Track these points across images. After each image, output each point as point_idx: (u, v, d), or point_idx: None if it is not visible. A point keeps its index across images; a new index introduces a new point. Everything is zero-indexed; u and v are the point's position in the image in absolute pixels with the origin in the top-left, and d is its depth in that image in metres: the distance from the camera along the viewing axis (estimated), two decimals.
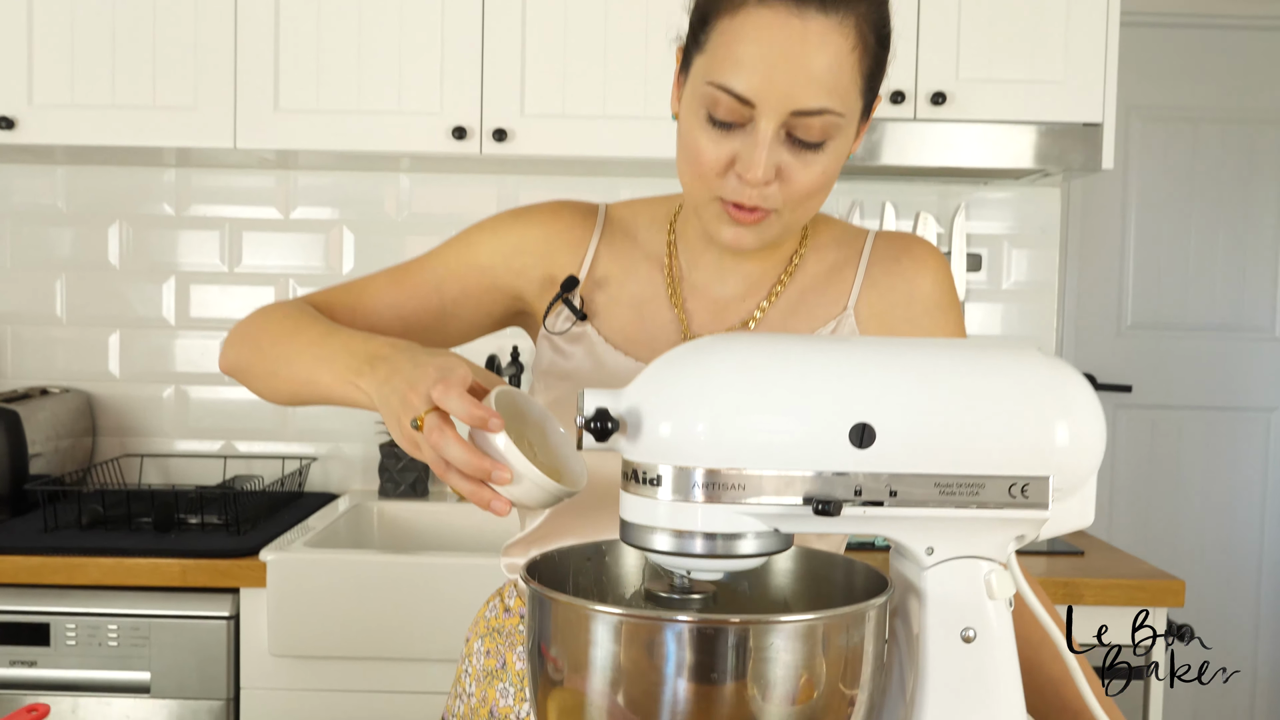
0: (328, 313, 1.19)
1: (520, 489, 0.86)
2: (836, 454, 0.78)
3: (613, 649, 0.76)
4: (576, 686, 0.78)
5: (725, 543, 0.79)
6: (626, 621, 0.76)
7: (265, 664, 1.93)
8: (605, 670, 0.76)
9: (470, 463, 0.85)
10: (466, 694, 1.22)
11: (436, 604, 1.90)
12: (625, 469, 0.81)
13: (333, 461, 2.55)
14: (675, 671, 0.74)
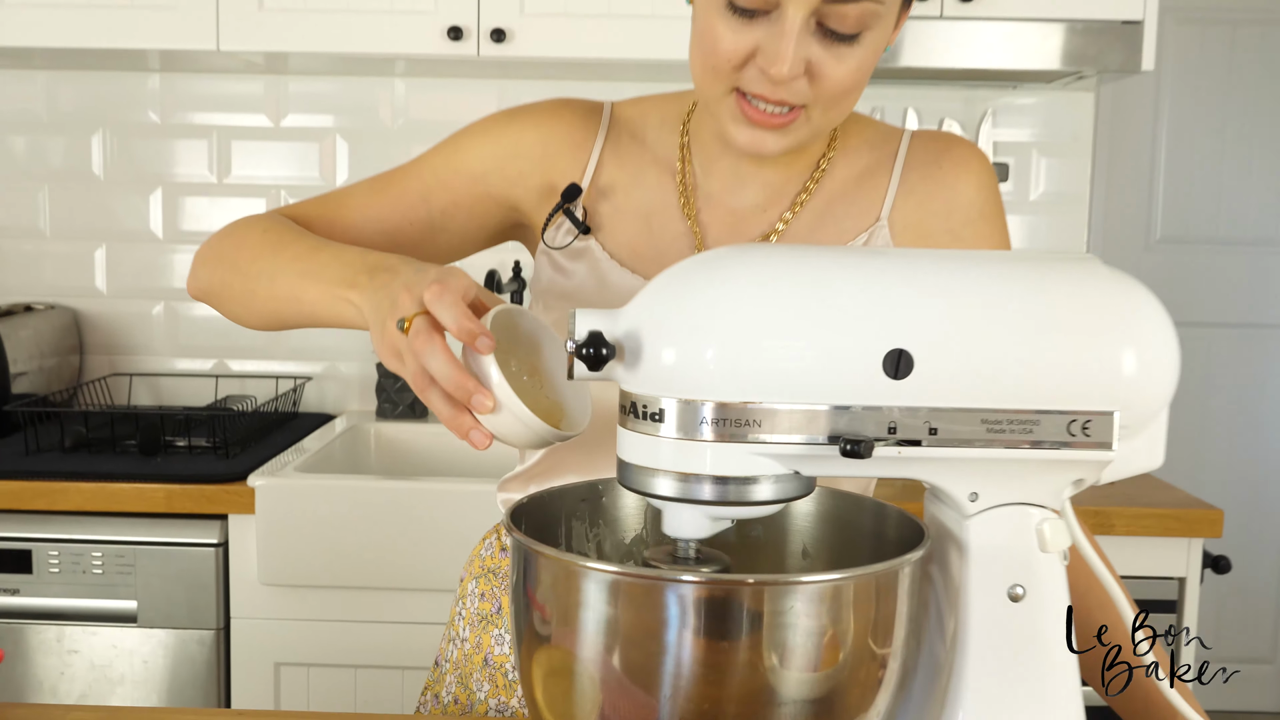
0: (302, 227, 1.07)
1: (502, 422, 0.75)
2: (868, 385, 0.67)
3: (606, 612, 0.66)
4: (565, 648, 0.68)
5: (738, 488, 0.68)
6: (623, 582, 0.65)
7: (256, 593, 1.85)
8: (597, 635, 0.66)
9: (453, 379, 0.75)
10: (460, 638, 1.13)
11: (434, 532, 1.82)
12: (623, 402, 0.71)
13: (329, 381, 2.45)
14: (678, 639, 0.64)
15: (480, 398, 0.74)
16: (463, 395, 0.75)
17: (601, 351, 0.68)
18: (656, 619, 0.64)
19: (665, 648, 0.64)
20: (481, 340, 0.74)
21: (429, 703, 1.17)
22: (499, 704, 1.06)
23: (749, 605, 0.64)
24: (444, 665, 1.16)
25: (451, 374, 0.75)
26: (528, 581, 0.70)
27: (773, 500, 0.69)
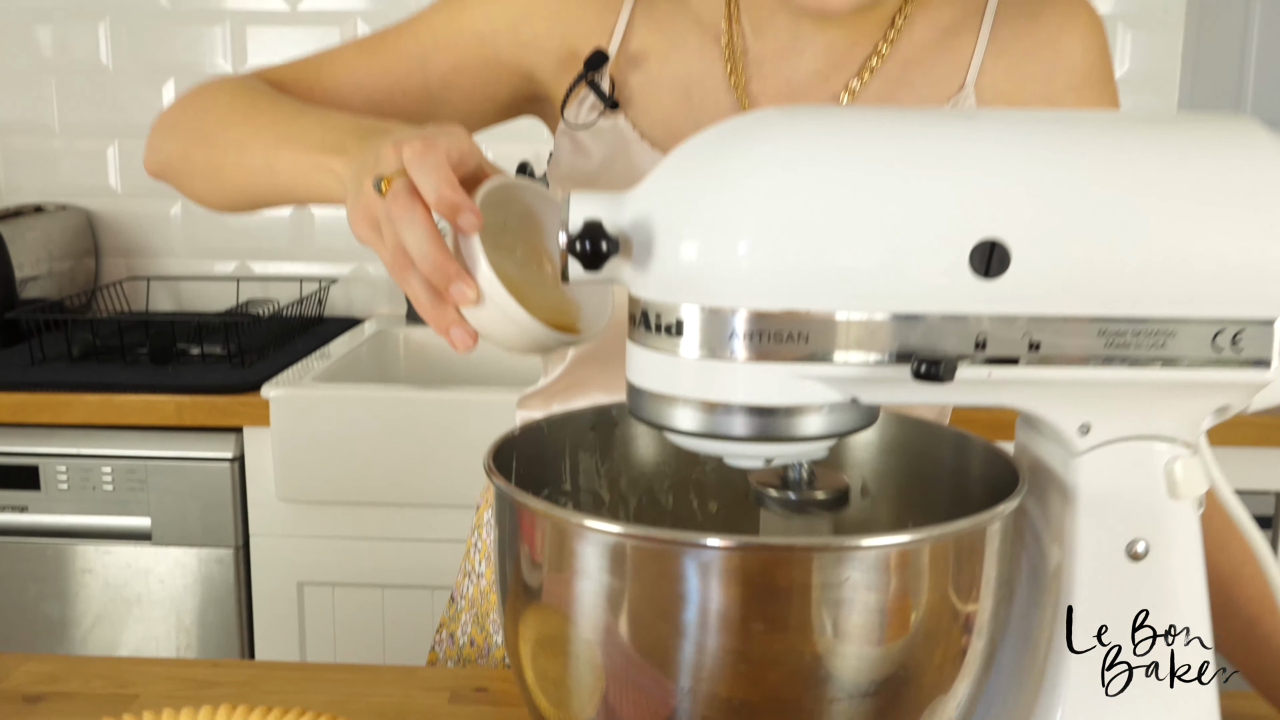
0: None
1: (489, 318, 0.60)
2: (950, 287, 0.51)
3: (609, 583, 0.51)
4: (559, 623, 0.54)
5: (778, 420, 0.53)
6: (630, 545, 0.51)
7: (275, 510, 1.74)
8: (598, 611, 0.52)
9: (430, 258, 0.59)
10: (476, 574, 0.99)
11: (465, 446, 1.69)
12: (632, 311, 0.55)
13: (356, 283, 2.32)
14: (699, 619, 0.49)
15: (461, 286, 0.59)
16: (440, 280, 0.60)
17: (600, 246, 0.52)
18: (672, 594, 0.49)
19: (683, 629, 0.50)
20: (465, 216, 0.59)
21: (444, 642, 1.05)
22: None
23: (791, 577, 0.49)
24: (459, 602, 1.03)
25: (430, 252, 0.59)
26: (512, 539, 0.56)
27: (823, 435, 0.54)
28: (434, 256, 0.59)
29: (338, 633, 1.77)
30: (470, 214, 0.59)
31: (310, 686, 0.83)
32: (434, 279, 0.59)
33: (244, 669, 0.86)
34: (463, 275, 0.59)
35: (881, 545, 0.49)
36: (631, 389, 0.56)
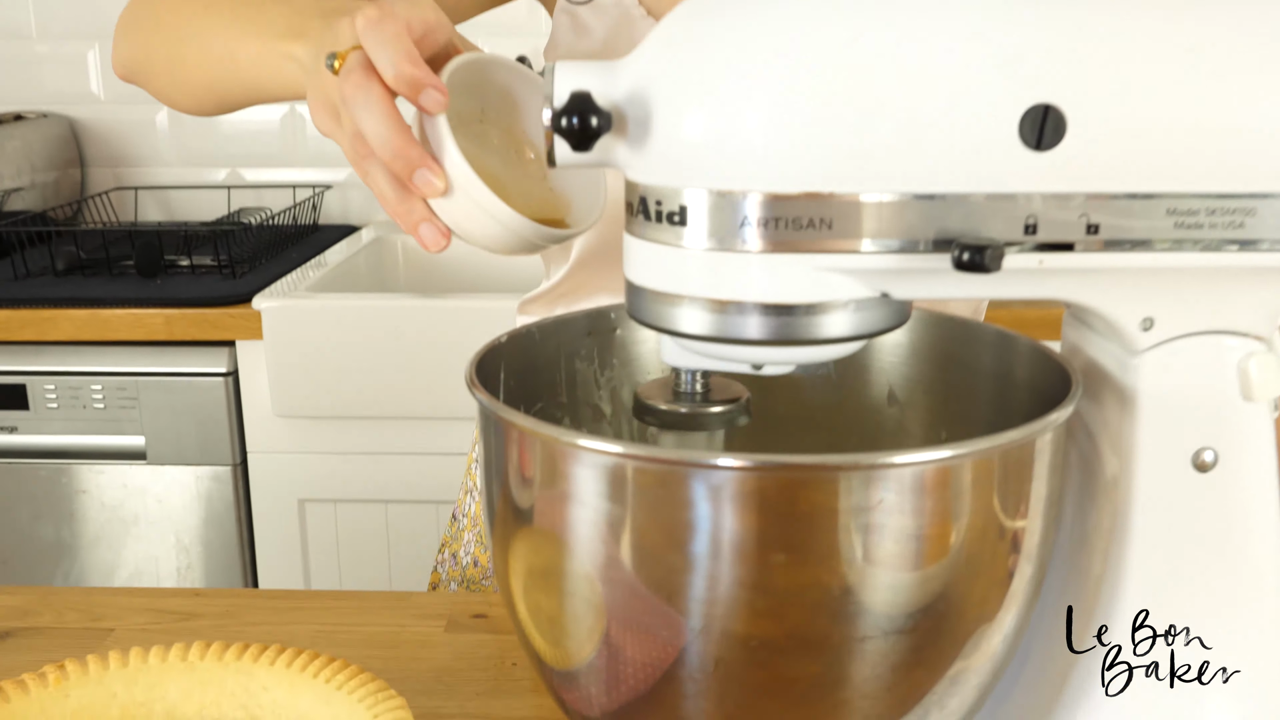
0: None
1: (462, 212, 0.53)
2: (996, 161, 0.44)
3: (608, 510, 0.45)
4: (552, 555, 0.48)
5: (798, 320, 0.46)
6: (630, 467, 0.44)
7: (272, 426, 1.69)
8: (596, 542, 0.45)
9: (390, 143, 0.52)
10: (477, 490, 0.94)
11: (463, 355, 1.62)
12: (629, 198, 0.48)
13: (352, 189, 2.23)
14: (710, 550, 0.43)
15: (426, 174, 0.52)
16: (402, 168, 0.52)
17: (590, 122, 0.45)
18: (678, 522, 0.43)
19: (693, 561, 0.43)
20: (428, 94, 0.51)
21: (446, 562, 1.00)
22: None
23: (816, 500, 0.42)
24: (461, 520, 0.97)
25: (388, 136, 0.52)
26: (499, 459, 0.50)
27: (849, 337, 0.47)
28: (393, 141, 0.51)
29: (341, 550, 1.73)
30: (434, 91, 0.51)
31: (296, 616, 0.78)
32: (395, 167, 0.52)
33: (226, 599, 0.80)
34: (427, 161, 0.52)
35: (919, 462, 0.43)
36: (630, 287, 0.50)
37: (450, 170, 0.52)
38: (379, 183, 0.53)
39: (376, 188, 0.54)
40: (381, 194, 0.53)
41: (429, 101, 0.51)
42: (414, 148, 0.52)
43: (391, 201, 0.53)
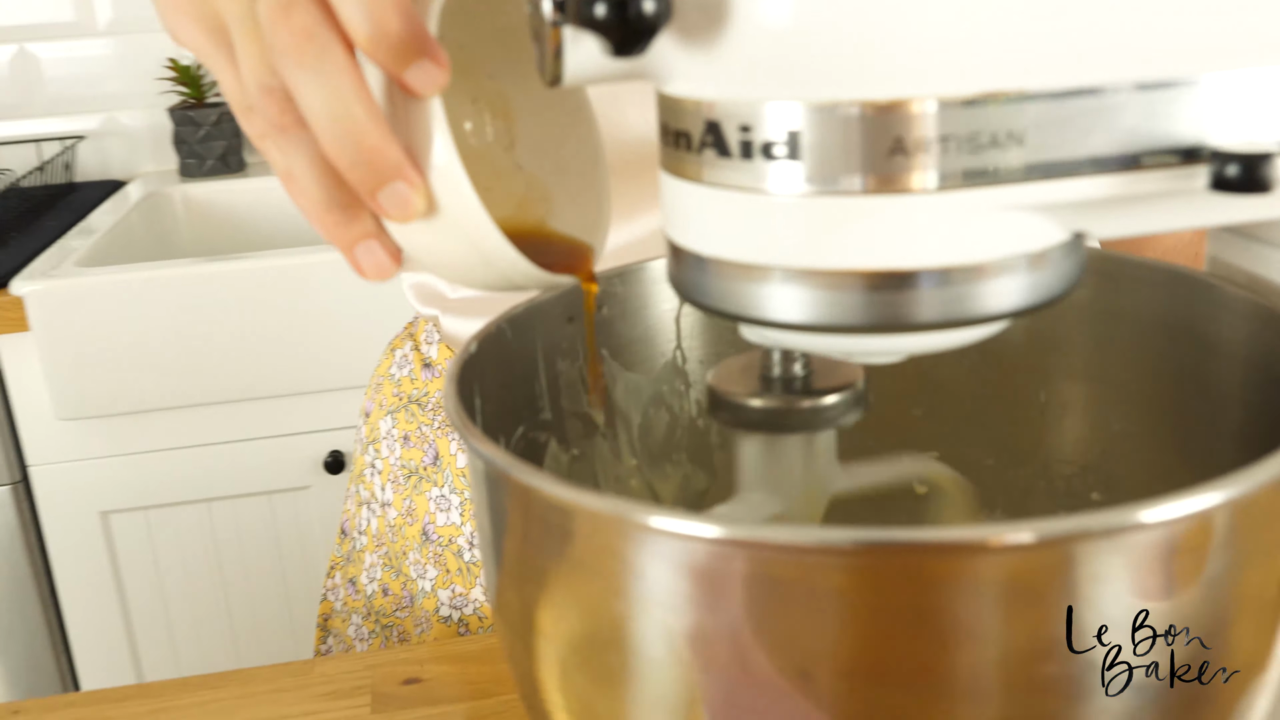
0: None
1: (436, 236, 0.35)
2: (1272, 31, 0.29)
3: (695, 616, 0.28)
4: (614, 654, 0.31)
5: (961, 291, 0.30)
6: (743, 553, 0.28)
7: (55, 431, 1.43)
8: (683, 652, 0.29)
9: (353, 136, 0.33)
10: (378, 501, 0.75)
11: (276, 323, 1.40)
12: (677, 125, 0.31)
13: (109, 138, 1.93)
14: (836, 644, 0.27)
15: (403, 189, 0.33)
16: (365, 175, 0.33)
17: (642, 8, 0.27)
18: (804, 621, 0.27)
19: (812, 665, 0.28)
20: (422, 69, 0.32)
21: (341, 589, 0.81)
22: (455, 596, 0.70)
23: (1002, 577, 0.27)
24: (357, 538, 0.78)
25: (354, 126, 0.32)
26: (517, 533, 0.32)
27: (1013, 311, 0.31)
28: (359, 134, 0.32)
29: (160, 565, 1.50)
30: (431, 65, 0.32)
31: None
32: (354, 173, 0.33)
33: (56, 714, 0.60)
34: (405, 172, 0.33)
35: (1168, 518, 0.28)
36: (677, 257, 0.33)
37: (437, 182, 0.33)
38: (301, 173, 0.34)
39: (292, 177, 0.34)
40: (302, 189, 0.34)
41: (421, 80, 0.32)
42: (391, 148, 0.32)
43: (319, 207, 0.34)
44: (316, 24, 0.32)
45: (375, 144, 0.32)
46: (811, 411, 0.35)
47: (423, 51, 0.32)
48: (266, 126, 0.33)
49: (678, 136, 0.31)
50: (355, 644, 0.78)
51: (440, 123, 0.32)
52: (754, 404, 0.36)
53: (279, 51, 0.32)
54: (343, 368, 1.43)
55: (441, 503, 0.70)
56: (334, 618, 0.82)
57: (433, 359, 0.72)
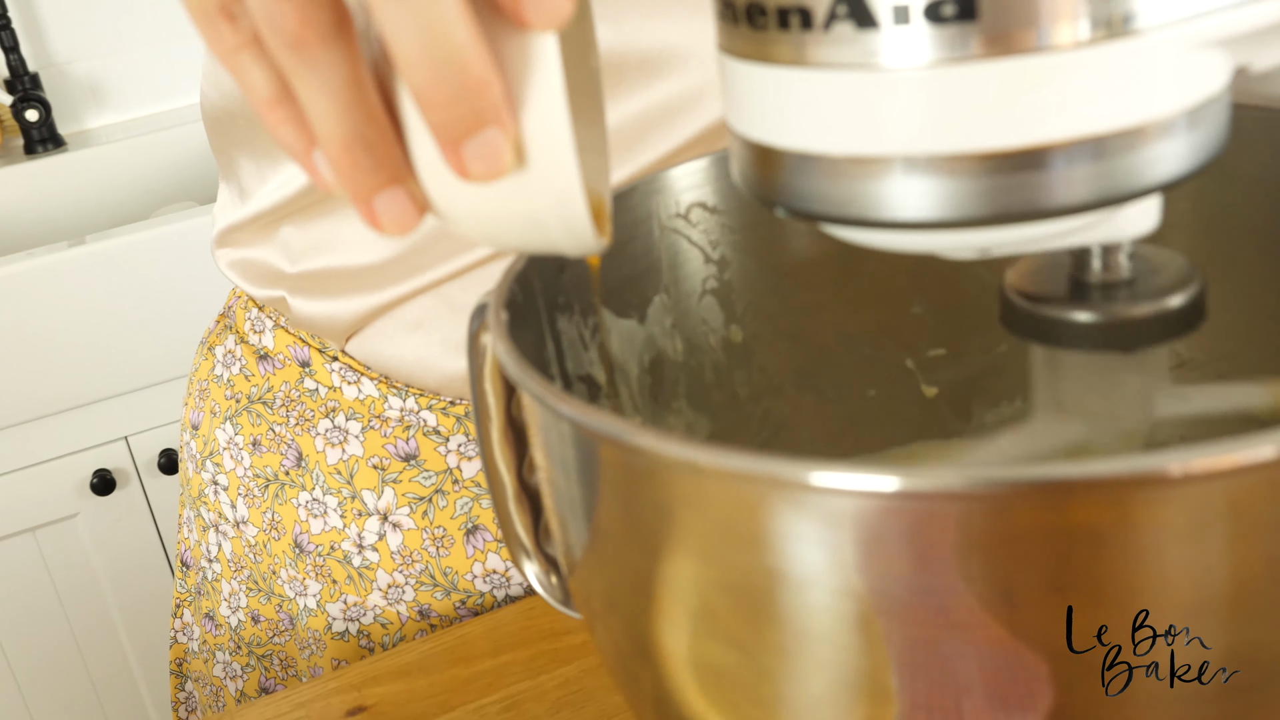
0: None
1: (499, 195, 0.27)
2: None
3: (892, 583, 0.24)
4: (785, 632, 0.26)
5: (1135, 158, 0.26)
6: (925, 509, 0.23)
7: None
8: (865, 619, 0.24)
9: (454, 55, 0.24)
10: (230, 520, 0.65)
11: (18, 332, 1.23)
12: (751, 4, 0.26)
13: None
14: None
15: (498, 136, 0.25)
16: (469, 116, 0.25)
17: None
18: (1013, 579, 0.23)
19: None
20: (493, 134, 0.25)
21: (195, 627, 0.71)
22: (350, 607, 0.62)
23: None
24: (206, 567, 0.68)
25: (460, 41, 0.24)
26: (620, 502, 0.27)
27: (1189, 171, 0.28)
28: (467, 61, 0.24)
29: None
30: (502, 134, 0.25)
31: None
32: (448, 110, 0.25)
33: None
34: (504, 115, 0.25)
35: None
36: (768, 160, 0.27)
37: (533, 135, 0.26)
38: (319, 102, 0.25)
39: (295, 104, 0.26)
40: (319, 121, 0.25)
41: (543, 8, 0.24)
42: (496, 84, 0.25)
43: (340, 144, 0.26)
44: None
45: (481, 77, 0.24)
46: (1143, 323, 0.30)
47: (494, 117, 0.25)
48: (267, 38, 0.25)
49: (783, 14, 0.25)
50: (226, 683, 0.69)
51: (553, 64, 0.25)
52: (1069, 317, 0.30)
53: None
54: (102, 377, 1.27)
55: (314, 508, 0.61)
56: (191, 660, 0.73)
57: (268, 349, 0.62)
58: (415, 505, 0.59)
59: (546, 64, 0.25)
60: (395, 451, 0.59)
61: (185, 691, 0.73)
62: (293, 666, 0.65)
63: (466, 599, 0.61)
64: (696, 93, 0.50)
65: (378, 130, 0.26)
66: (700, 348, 0.41)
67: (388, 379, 0.59)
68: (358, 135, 0.26)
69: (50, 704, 1.39)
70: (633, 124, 0.50)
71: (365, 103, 0.26)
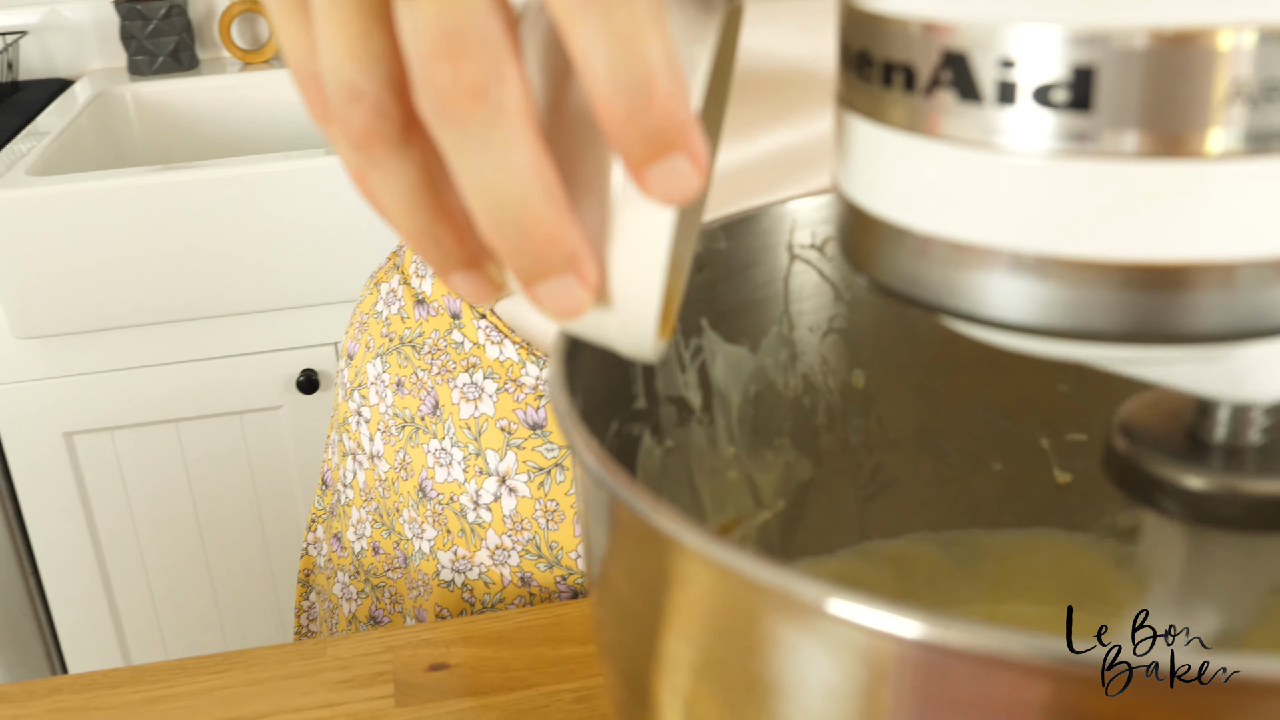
0: None
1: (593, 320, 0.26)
2: None
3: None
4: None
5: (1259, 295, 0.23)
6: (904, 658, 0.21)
7: (12, 350, 1.33)
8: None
9: (519, 214, 0.23)
10: (366, 453, 0.67)
11: (255, 231, 1.31)
12: (862, 52, 0.23)
13: (53, 34, 1.79)
14: None
15: (575, 285, 0.24)
16: (536, 266, 0.24)
17: None
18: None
19: None
20: (673, 165, 0.22)
21: (324, 543, 0.74)
22: (459, 559, 0.63)
23: None
24: (342, 491, 0.71)
25: (529, 200, 0.23)
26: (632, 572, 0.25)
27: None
28: (534, 221, 0.23)
29: (128, 486, 1.42)
30: (689, 163, 0.23)
31: (163, 715, 0.51)
32: (512, 258, 0.24)
33: (40, 702, 0.53)
34: (582, 265, 0.24)
35: None
36: (861, 224, 0.25)
37: (621, 288, 0.24)
38: (389, 200, 0.25)
39: (371, 193, 0.26)
40: (387, 214, 0.26)
41: (668, 185, 0.23)
42: (569, 238, 0.24)
43: (410, 237, 0.26)
44: (493, 78, 0.22)
45: (550, 233, 0.23)
46: (1261, 505, 0.26)
47: (683, 143, 0.22)
48: (340, 129, 0.25)
49: (888, 69, 0.23)
50: (342, 603, 0.72)
51: (664, 231, 0.24)
52: (1179, 481, 0.26)
53: (431, 99, 0.23)
54: (316, 283, 1.34)
55: (441, 456, 0.62)
56: (317, 574, 0.76)
57: (426, 295, 0.63)
58: (534, 475, 0.59)
59: (656, 233, 0.23)
60: (524, 418, 0.59)
61: (309, 601, 0.76)
62: (400, 603, 0.67)
63: (567, 576, 0.61)
64: None
65: (444, 227, 0.25)
66: (816, 387, 0.39)
67: (529, 345, 0.59)
68: (424, 231, 0.25)
69: (231, 579, 1.49)
70: (804, 148, 0.48)
71: (431, 204, 0.25)
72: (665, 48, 0.22)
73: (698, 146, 0.22)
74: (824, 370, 0.39)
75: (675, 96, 0.22)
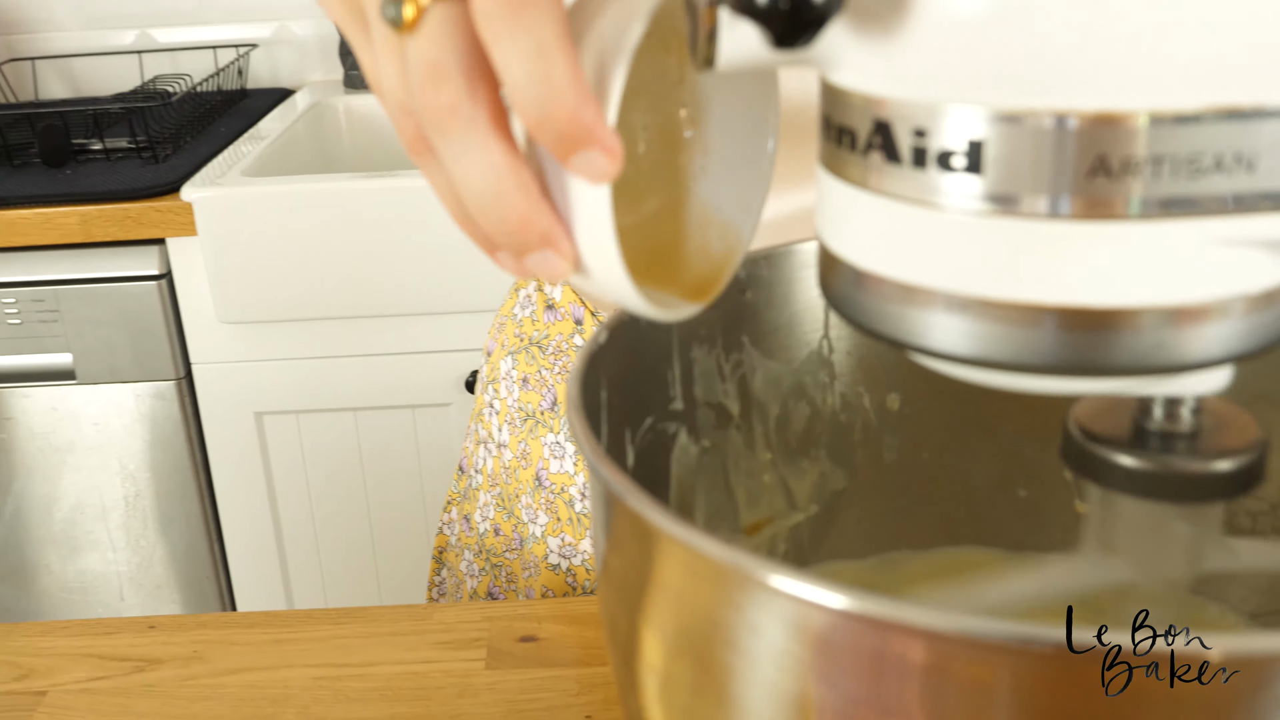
0: None
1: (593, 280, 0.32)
2: None
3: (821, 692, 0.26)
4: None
5: (1174, 333, 0.27)
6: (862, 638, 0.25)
7: (217, 333, 1.47)
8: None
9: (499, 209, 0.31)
10: (495, 442, 0.74)
11: (438, 240, 1.41)
12: (841, 120, 0.28)
13: (281, 46, 1.96)
14: None
15: (553, 257, 0.31)
16: (518, 244, 0.31)
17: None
18: None
19: None
20: (592, 158, 0.29)
21: (456, 523, 0.81)
22: (565, 545, 0.69)
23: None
24: (474, 476, 0.78)
25: (503, 191, 0.30)
26: (626, 554, 0.30)
27: (1237, 355, 0.27)
28: (508, 207, 0.30)
29: (307, 464, 1.54)
30: (603, 155, 0.28)
31: (282, 657, 0.59)
32: (499, 239, 0.31)
33: (188, 634, 0.61)
34: (556, 238, 0.31)
35: None
36: (833, 265, 0.30)
37: (588, 252, 0.31)
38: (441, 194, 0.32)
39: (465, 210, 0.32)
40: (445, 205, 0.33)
41: (588, 170, 0.29)
42: (540, 218, 0.30)
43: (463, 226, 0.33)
44: (462, 98, 0.29)
45: (523, 217, 0.30)
46: (1195, 479, 0.30)
47: (592, 140, 0.28)
48: (444, 196, 0.32)
49: (840, 132, 0.28)
50: (466, 579, 0.79)
51: (603, 209, 0.29)
52: (1123, 461, 0.31)
53: (424, 118, 0.30)
54: (489, 291, 1.43)
55: (556, 450, 0.68)
56: (448, 551, 0.83)
57: (555, 301, 0.70)
58: None
59: (598, 208, 0.29)
60: None
61: (440, 576, 0.84)
62: (514, 582, 0.73)
63: None
64: None
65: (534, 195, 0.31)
66: (853, 406, 0.43)
67: None
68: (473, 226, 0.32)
69: (391, 552, 1.60)
70: None
71: None
72: (566, 64, 0.28)
73: (606, 139, 0.28)
74: (861, 390, 0.43)
75: (580, 105, 0.28)
